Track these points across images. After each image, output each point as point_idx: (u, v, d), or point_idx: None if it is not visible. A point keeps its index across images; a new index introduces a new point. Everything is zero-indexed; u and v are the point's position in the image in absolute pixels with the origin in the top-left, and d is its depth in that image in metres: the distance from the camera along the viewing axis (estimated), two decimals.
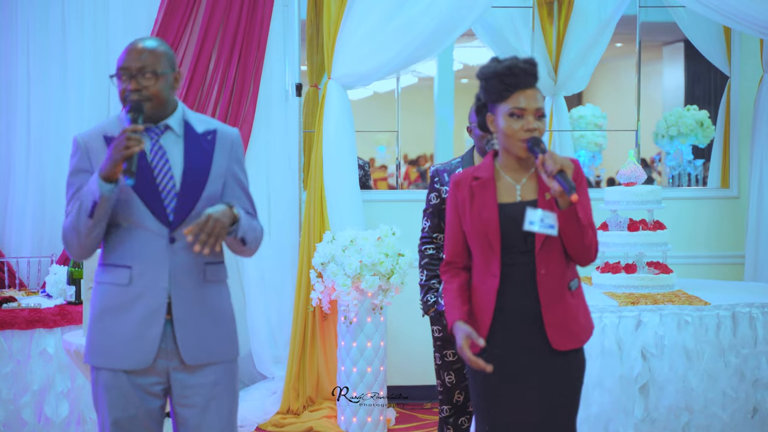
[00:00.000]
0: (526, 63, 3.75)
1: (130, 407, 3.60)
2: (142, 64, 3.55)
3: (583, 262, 3.81)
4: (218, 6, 6.99)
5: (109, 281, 3.60)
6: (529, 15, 8.04)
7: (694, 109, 8.83)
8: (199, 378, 3.64)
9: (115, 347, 3.57)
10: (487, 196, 3.80)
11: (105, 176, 3.42)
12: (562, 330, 3.77)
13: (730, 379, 5.66)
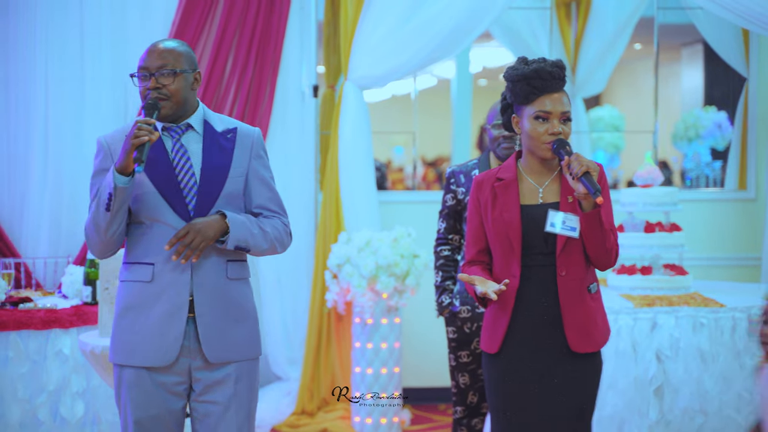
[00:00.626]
0: (554, 66, 3.78)
1: (153, 407, 3.63)
2: (161, 63, 3.61)
3: (603, 266, 3.83)
4: (235, 7, 7.00)
5: (133, 279, 3.65)
6: (546, 16, 8.03)
7: (712, 110, 8.86)
8: (221, 375, 3.67)
9: (138, 344, 3.61)
10: (509, 197, 3.82)
11: (119, 168, 3.48)
12: (582, 332, 3.79)
13: (746, 381, 5.68)
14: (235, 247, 3.61)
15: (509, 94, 3.85)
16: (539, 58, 3.82)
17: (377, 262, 6.55)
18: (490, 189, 3.86)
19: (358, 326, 6.79)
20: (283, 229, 3.81)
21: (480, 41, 8.61)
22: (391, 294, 6.66)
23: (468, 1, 6.83)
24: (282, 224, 3.81)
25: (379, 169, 8.51)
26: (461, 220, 5.17)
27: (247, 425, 3.75)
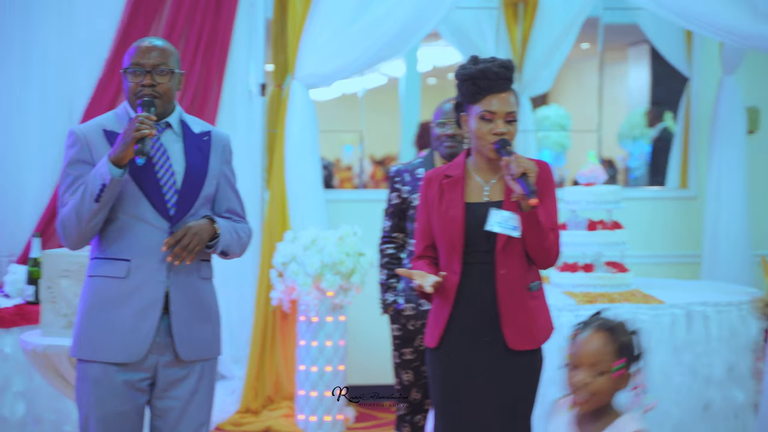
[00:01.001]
0: (501, 67, 3.77)
1: (118, 403, 3.62)
2: (157, 61, 3.63)
3: (542, 265, 3.86)
4: (183, 5, 7.00)
5: (105, 274, 3.64)
6: (494, 16, 8.06)
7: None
8: (187, 372, 3.68)
9: (108, 340, 3.60)
10: (455, 194, 3.84)
11: (115, 160, 3.47)
12: (519, 330, 3.80)
13: (684, 376, 5.77)
14: (220, 252, 3.66)
15: (458, 93, 3.88)
16: (489, 58, 3.83)
17: (323, 260, 6.57)
18: (438, 186, 3.89)
19: (303, 324, 6.80)
20: (248, 235, 3.87)
21: (429, 40, 8.63)
22: (337, 292, 6.68)
23: (416, 1, 6.85)
24: (248, 229, 3.87)
25: (326, 167, 8.53)
26: (406, 218, 5.18)
27: (207, 422, 3.78)
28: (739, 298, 6.02)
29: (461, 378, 3.84)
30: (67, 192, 3.60)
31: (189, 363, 3.68)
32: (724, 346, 5.87)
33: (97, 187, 3.49)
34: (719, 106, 7.61)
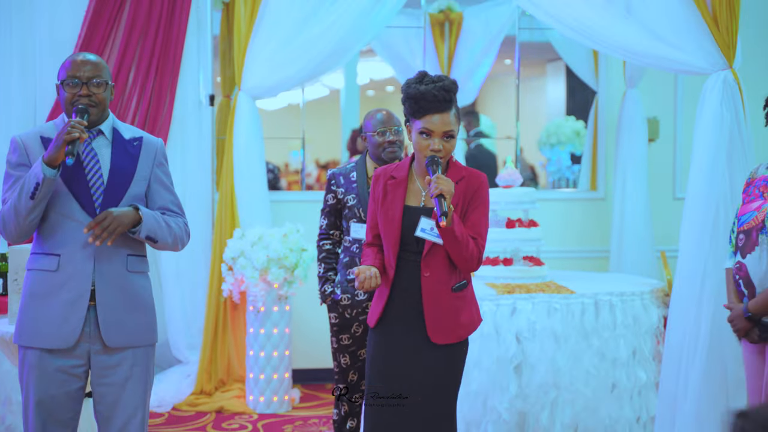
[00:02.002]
0: (442, 90, 3.74)
1: (53, 387, 3.62)
2: (92, 74, 3.63)
3: (464, 270, 3.85)
4: (137, 22, 6.95)
5: (39, 268, 3.64)
6: (421, 35, 8.06)
7: (572, 119, 9.04)
8: (118, 360, 3.67)
9: (42, 328, 3.60)
10: (396, 196, 3.84)
11: (48, 161, 3.48)
12: (441, 328, 3.81)
13: (593, 359, 5.78)
14: (146, 237, 3.63)
15: (404, 107, 3.87)
16: (435, 77, 3.80)
17: (268, 255, 6.59)
18: (383, 185, 3.89)
19: (252, 314, 6.82)
20: (184, 228, 3.85)
21: (366, 56, 8.68)
22: (282, 284, 6.70)
23: (350, 20, 6.87)
24: (183, 223, 3.85)
25: (272, 171, 8.52)
26: (341, 217, 5.18)
27: (143, 405, 3.75)
28: (641, 289, 6.04)
29: (392, 363, 3.85)
30: (8, 192, 3.61)
31: (118, 350, 3.67)
32: (629, 331, 5.90)
33: (32, 186, 3.50)
34: (623, 116, 7.66)
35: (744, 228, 4.08)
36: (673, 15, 5.87)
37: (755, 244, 4.00)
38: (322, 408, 6.88)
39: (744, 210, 4.12)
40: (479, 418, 5.78)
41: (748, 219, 4.08)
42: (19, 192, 3.54)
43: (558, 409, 5.80)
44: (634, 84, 7.59)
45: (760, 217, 4.02)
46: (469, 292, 3.94)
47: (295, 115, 8.56)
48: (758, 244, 3.99)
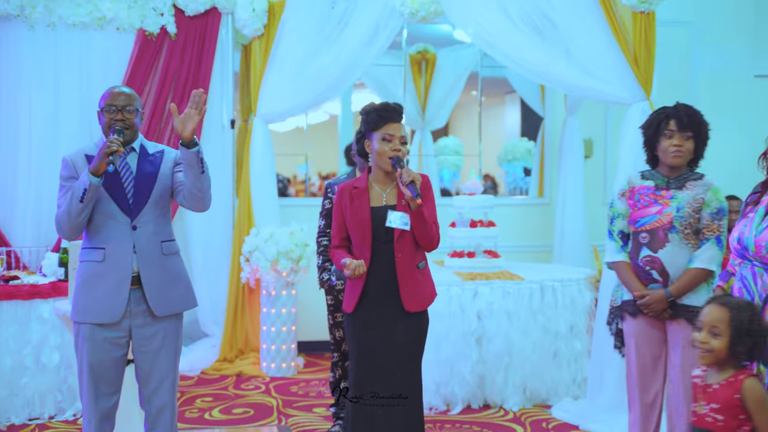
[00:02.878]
0: (395, 105, 3.90)
1: (102, 353, 3.64)
2: (126, 103, 3.67)
3: (428, 248, 3.90)
4: (173, 61, 6.95)
5: (89, 259, 3.66)
6: (401, 72, 8.06)
7: (524, 140, 9.09)
8: (153, 332, 3.69)
9: (93, 307, 3.62)
10: (362, 201, 3.89)
11: (93, 171, 3.51)
12: (412, 297, 3.86)
13: (538, 332, 5.87)
14: (201, 158, 3.62)
15: (364, 125, 3.93)
16: (383, 102, 3.95)
17: (278, 249, 6.61)
18: (348, 195, 3.94)
19: (265, 296, 6.83)
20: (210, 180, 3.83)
21: (359, 88, 8.67)
22: (289, 273, 6.71)
23: (345, 59, 6.87)
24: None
25: (281, 181, 8.53)
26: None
27: (173, 369, 3.77)
28: (577, 276, 6.10)
29: (370, 333, 3.88)
30: (61, 199, 3.64)
31: (160, 319, 3.69)
32: (567, 310, 5.97)
33: (81, 191, 3.53)
34: (564, 138, 7.65)
35: (648, 228, 4.08)
36: (602, 57, 5.93)
37: (666, 241, 4.01)
38: (321, 372, 6.88)
39: (641, 214, 4.10)
40: (447, 380, 5.82)
41: (651, 221, 4.08)
42: (70, 198, 3.56)
43: (511, 372, 5.87)
44: (572, 112, 7.60)
45: (665, 220, 4.04)
46: (428, 270, 3.99)
47: (301, 136, 8.58)
48: (669, 241, 4.02)
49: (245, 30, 7.05)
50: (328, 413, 5.72)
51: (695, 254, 3.99)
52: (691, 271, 3.98)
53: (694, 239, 4.01)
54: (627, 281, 4.17)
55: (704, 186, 4.06)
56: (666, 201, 4.07)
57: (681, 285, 3.99)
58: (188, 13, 7.01)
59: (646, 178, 4.20)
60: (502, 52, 6.31)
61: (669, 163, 4.11)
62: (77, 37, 6.83)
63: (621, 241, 4.22)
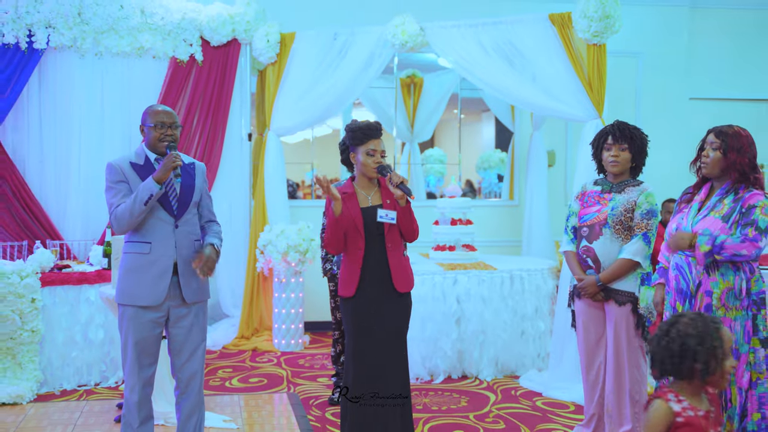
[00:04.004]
0: (376, 123, 3.91)
1: (145, 331, 3.65)
2: (172, 120, 3.71)
3: (410, 239, 3.92)
4: (200, 84, 6.98)
5: (136, 251, 3.65)
6: (393, 93, 8.07)
7: (498, 151, 9.10)
8: (186, 312, 3.72)
9: (139, 292, 3.62)
10: (353, 203, 3.90)
11: (158, 179, 3.55)
12: (401, 280, 3.88)
13: (508, 314, 5.91)
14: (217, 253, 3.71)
15: (349, 139, 3.93)
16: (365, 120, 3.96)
17: (288, 243, 6.63)
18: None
19: (276, 283, 6.84)
20: (220, 231, 3.91)
21: (357, 106, 8.62)
22: (297, 263, 6.72)
23: (344, 83, 6.86)
24: (219, 227, 3.92)
25: (291, 186, 8.51)
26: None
27: (203, 342, 3.80)
28: (542, 266, 6.14)
29: (366, 313, 3.88)
30: (116, 198, 3.61)
31: (190, 304, 3.72)
32: (533, 295, 6.01)
33: (147, 196, 3.54)
34: (531, 149, 7.67)
35: (588, 223, 4.17)
36: (562, 82, 5.97)
37: (600, 234, 4.12)
38: (324, 348, 6.89)
39: (585, 212, 4.20)
40: (431, 355, 5.85)
41: (591, 218, 4.17)
42: (133, 199, 3.55)
43: (485, 348, 5.90)
44: (538, 127, 7.59)
45: (601, 217, 4.13)
46: (408, 258, 4.02)
47: (308, 147, 8.59)
48: (602, 234, 4.12)
49: (261, 58, 7.07)
50: (330, 382, 5.75)
51: (624, 247, 4.09)
52: (619, 261, 4.08)
53: (625, 235, 4.11)
54: (571, 268, 4.29)
55: (639, 191, 4.15)
56: (606, 202, 4.18)
57: (609, 272, 4.10)
58: (213, 44, 7.07)
59: (597, 183, 4.31)
60: (478, 77, 6.34)
61: (609, 171, 4.23)
62: (120, 64, 6.89)
63: (572, 235, 4.32)
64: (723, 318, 3.51)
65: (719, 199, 3.62)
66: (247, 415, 5.02)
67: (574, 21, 5.91)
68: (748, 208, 3.53)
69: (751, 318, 3.55)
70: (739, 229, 3.52)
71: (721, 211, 3.59)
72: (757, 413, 3.54)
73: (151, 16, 6.89)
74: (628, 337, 4.10)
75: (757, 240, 3.48)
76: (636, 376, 4.14)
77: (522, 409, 5.18)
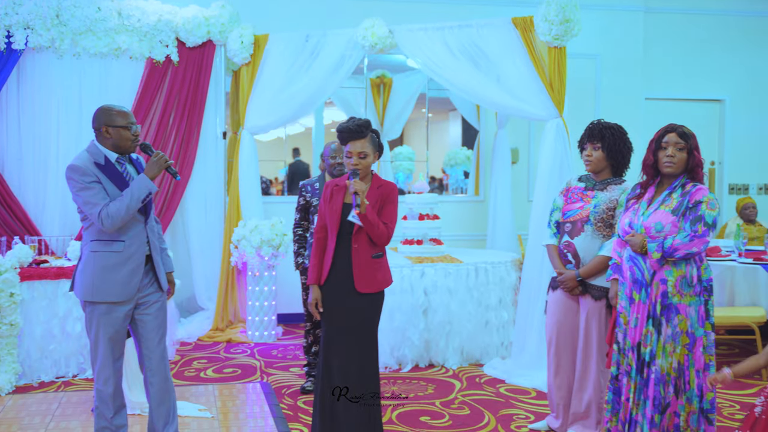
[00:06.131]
0: (356, 125, 3.79)
1: (117, 325, 3.61)
2: (136, 121, 3.69)
3: (378, 244, 3.82)
4: (175, 84, 6.94)
5: (107, 249, 3.57)
6: (363, 93, 8.08)
7: (464, 149, 9.13)
8: (153, 299, 3.69)
9: (113, 288, 3.56)
10: (339, 197, 3.86)
11: (152, 178, 3.54)
12: (364, 281, 3.79)
13: (473, 305, 5.92)
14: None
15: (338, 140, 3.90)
16: (358, 118, 3.83)
17: (261, 238, 6.60)
18: (330, 190, 3.90)
19: (250, 277, 6.81)
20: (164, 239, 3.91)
21: (329, 106, 8.61)
22: (270, 257, 6.70)
23: (316, 83, 6.85)
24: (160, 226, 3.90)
25: (264, 182, 8.49)
26: (308, 212, 5.19)
27: (165, 328, 3.76)
28: (505, 259, 6.16)
29: (333, 305, 3.86)
30: (98, 197, 3.52)
31: (152, 294, 3.68)
32: (497, 286, 6.03)
33: (144, 194, 3.53)
34: (495, 147, 7.72)
35: (570, 219, 4.20)
36: (525, 83, 5.98)
37: (581, 230, 4.14)
38: (297, 339, 6.88)
39: (568, 208, 4.22)
40: (400, 344, 5.85)
41: (573, 214, 4.19)
42: (130, 198, 3.49)
43: (451, 337, 5.91)
44: (502, 126, 7.64)
45: (583, 214, 4.16)
46: (384, 260, 3.91)
47: (281, 145, 8.59)
48: (584, 230, 4.15)
49: (235, 58, 7.03)
50: (302, 372, 5.74)
51: (604, 244, 4.13)
52: (597, 257, 4.11)
53: (606, 232, 4.14)
54: (552, 261, 4.31)
55: (621, 189, 4.17)
56: (589, 199, 4.20)
57: (588, 268, 4.12)
58: (189, 45, 7.02)
59: (582, 180, 4.33)
60: (445, 78, 6.35)
61: (586, 169, 4.25)
62: (97, 65, 6.84)
63: (555, 229, 4.33)
64: (679, 304, 3.56)
65: (668, 194, 3.68)
66: (221, 404, 5.00)
67: (536, 25, 5.93)
68: (695, 203, 3.58)
69: (704, 303, 3.61)
70: (688, 224, 3.56)
71: (670, 205, 3.64)
72: (710, 393, 3.60)
73: (128, 18, 6.84)
74: (599, 331, 4.14)
75: (705, 235, 3.54)
76: (602, 367, 4.17)
77: (486, 396, 5.20)
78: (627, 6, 8.33)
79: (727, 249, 6.53)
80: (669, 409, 3.57)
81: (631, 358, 3.68)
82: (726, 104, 8.75)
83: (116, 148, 3.65)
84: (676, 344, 3.57)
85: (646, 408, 3.61)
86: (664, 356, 3.58)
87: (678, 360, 3.57)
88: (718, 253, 6.24)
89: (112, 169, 3.62)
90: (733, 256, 6.19)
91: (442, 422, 4.67)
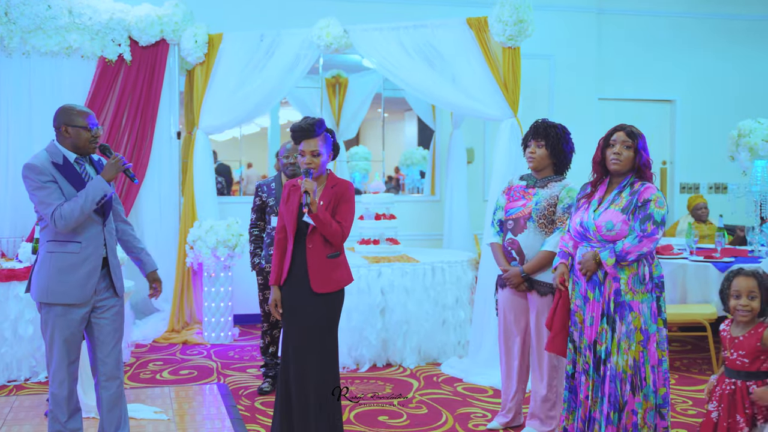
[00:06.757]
0: (308, 124, 3.76)
1: (73, 328, 3.55)
2: (99, 122, 3.63)
3: (332, 243, 3.78)
4: (128, 83, 6.87)
5: (64, 250, 3.52)
6: (319, 93, 8.07)
7: (420, 149, 9.19)
8: (110, 304, 3.63)
9: (69, 290, 3.50)
10: (296, 197, 3.82)
11: (108, 180, 3.48)
12: (319, 281, 3.75)
13: (430, 304, 5.95)
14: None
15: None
16: (311, 118, 3.81)
17: (217, 238, 6.57)
18: (288, 190, 3.88)
19: (206, 277, 6.78)
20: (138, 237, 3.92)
21: (284, 105, 8.60)
22: (226, 258, 6.67)
23: (271, 83, 6.83)
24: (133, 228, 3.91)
25: (220, 182, 8.46)
26: (264, 213, 5.18)
27: (122, 333, 3.71)
28: (462, 258, 6.21)
29: (291, 304, 3.84)
30: (52, 197, 3.47)
31: (109, 299, 3.64)
32: (454, 286, 6.06)
33: (99, 196, 3.47)
34: (451, 147, 7.73)
35: (513, 217, 4.25)
36: (480, 83, 6.04)
37: (524, 227, 4.20)
38: (254, 340, 6.85)
39: (511, 206, 4.28)
40: (357, 344, 5.86)
41: (516, 212, 4.25)
42: (84, 199, 3.45)
43: (408, 337, 5.92)
44: (457, 126, 7.68)
45: (526, 211, 4.22)
46: (342, 259, 3.86)
47: (236, 145, 8.55)
48: (527, 228, 4.21)
49: (189, 58, 6.99)
50: (259, 373, 5.71)
51: (547, 240, 4.18)
52: (541, 252, 4.17)
53: (548, 228, 4.20)
54: (497, 259, 4.36)
55: (561, 186, 4.24)
56: (530, 197, 4.25)
57: (532, 264, 4.19)
58: (141, 44, 6.95)
59: (523, 179, 4.39)
60: (400, 78, 6.38)
61: (529, 167, 4.31)
62: (48, 64, 6.74)
63: (498, 228, 4.39)
64: (632, 302, 3.62)
65: (618, 193, 3.74)
66: (177, 406, 4.96)
67: (491, 25, 5.99)
68: (644, 202, 3.65)
69: (656, 300, 3.68)
70: (638, 223, 3.62)
71: (620, 204, 3.70)
72: (663, 388, 3.66)
73: (79, 16, 6.74)
74: None
75: (654, 233, 3.60)
76: (554, 362, 4.23)
77: (444, 395, 5.23)
78: (580, 7, 8.46)
79: (678, 247, 6.66)
80: (627, 408, 3.62)
81: (588, 357, 3.72)
82: (677, 104, 8.94)
83: (75, 148, 3.60)
84: (630, 341, 3.62)
85: (603, 405, 3.66)
86: (619, 353, 3.63)
87: (633, 357, 3.62)
88: (670, 251, 6.36)
89: (70, 169, 3.57)
90: (685, 254, 6.31)
91: (400, 422, 4.69)
